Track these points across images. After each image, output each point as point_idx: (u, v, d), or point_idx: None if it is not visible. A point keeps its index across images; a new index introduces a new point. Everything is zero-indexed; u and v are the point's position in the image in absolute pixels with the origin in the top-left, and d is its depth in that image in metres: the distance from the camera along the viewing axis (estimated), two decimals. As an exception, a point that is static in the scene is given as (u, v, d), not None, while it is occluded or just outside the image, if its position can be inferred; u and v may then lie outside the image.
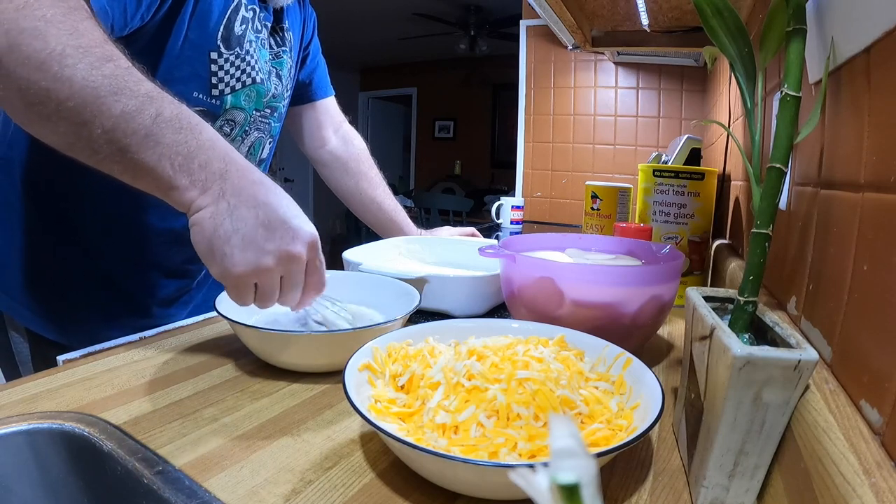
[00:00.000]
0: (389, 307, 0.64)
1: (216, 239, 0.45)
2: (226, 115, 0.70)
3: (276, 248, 0.46)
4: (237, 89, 0.69)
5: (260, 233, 0.46)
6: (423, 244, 0.97)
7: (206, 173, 0.45)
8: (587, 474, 0.14)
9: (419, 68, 6.20)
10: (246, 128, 0.74)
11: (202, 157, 0.45)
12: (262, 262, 0.46)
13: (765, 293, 0.54)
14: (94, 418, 0.44)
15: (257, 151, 0.80)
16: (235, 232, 0.45)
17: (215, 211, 0.45)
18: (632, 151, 1.74)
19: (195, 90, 0.66)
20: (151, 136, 0.43)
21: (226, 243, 0.45)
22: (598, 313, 0.55)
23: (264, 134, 0.79)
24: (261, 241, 0.46)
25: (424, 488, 0.37)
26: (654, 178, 0.81)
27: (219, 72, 0.67)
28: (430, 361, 0.43)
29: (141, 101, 0.43)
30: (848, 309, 0.32)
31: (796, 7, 0.35)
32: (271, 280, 0.48)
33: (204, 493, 0.35)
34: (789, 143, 0.35)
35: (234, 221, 0.45)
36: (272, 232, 0.46)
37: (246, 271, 0.46)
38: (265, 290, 0.48)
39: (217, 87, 0.67)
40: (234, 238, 0.45)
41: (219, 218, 0.45)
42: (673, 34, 1.27)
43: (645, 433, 0.34)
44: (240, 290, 0.47)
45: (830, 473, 0.25)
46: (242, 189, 0.46)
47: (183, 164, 0.44)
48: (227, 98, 0.69)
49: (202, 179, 0.45)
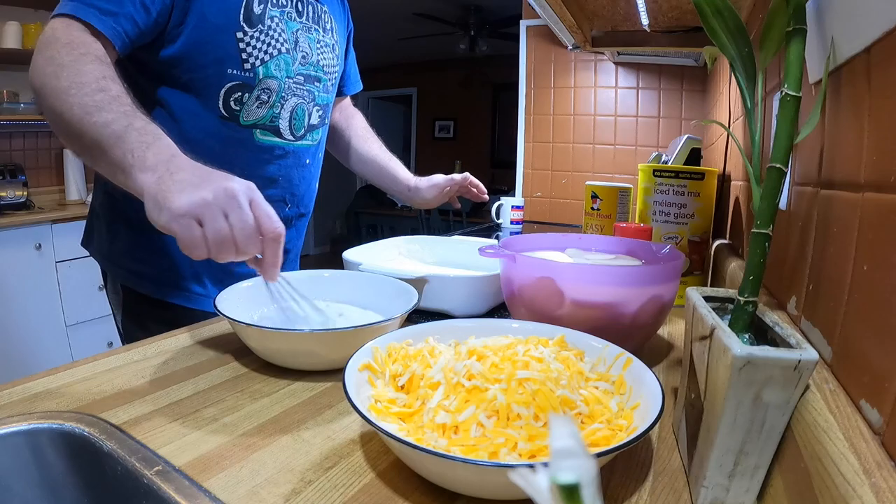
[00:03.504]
0: (389, 307, 0.64)
1: (159, 193, 0.51)
2: (261, 85, 0.77)
3: (213, 184, 0.51)
4: (266, 61, 0.77)
5: (196, 180, 0.51)
6: (423, 244, 0.97)
7: (156, 161, 0.53)
8: (587, 474, 0.14)
9: (419, 68, 6.20)
10: (282, 94, 0.80)
11: (154, 151, 0.54)
12: (198, 196, 0.50)
13: (765, 293, 0.54)
14: (94, 418, 0.44)
15: (302, 117, 0.85)
16: (175, 183, 0.51)
17: (159, 178, 0.52)
18: (632, 151, 1.74)
19: (229, 68, 0.74)
20: (121, 139, 0.55)
21: (167, 192, 0.50)
22: (598, 313, 0.55)
23: (304, 100, 0.84)
24: (198, 183, 0.51)
25: (424, 488, 0.37)
26: (654, 178, 0.81)
27: (247, 48, 0.75)
28: (430, 361, 0.43)
29: (116, 116, 0.56)
30: (848, 309, 0.32)
31: (796, 7, 0.35)
32: (213, 215, 0.50)
33: (204, 493, 0.35)
34: (789, 143, 0.35)
35: (174, 181, 0.51)
36: (211, 178, 0.52)
37: (184, 206, 0.49)
38: (213, 228, 0.50)
39: (248, 61, 0.75)
40: (173, 187, 0.51)
41: (162, 181, 0.52)
42: (673, 34, 1.27)
43: (645, 433, 0.34)
44: (187, 229, 0.49)
45: (830, 473, 0.25)
46: (182, 166, 0.53)
47: (140, 156, 0.54)
48: (259, 69, 0.76)
49: (153, 164, 0.53)
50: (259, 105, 0.79)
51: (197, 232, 0.50)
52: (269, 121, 0.81)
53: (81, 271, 2.31)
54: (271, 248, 0.53)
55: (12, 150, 2.54)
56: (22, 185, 2.34)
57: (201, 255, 0.50)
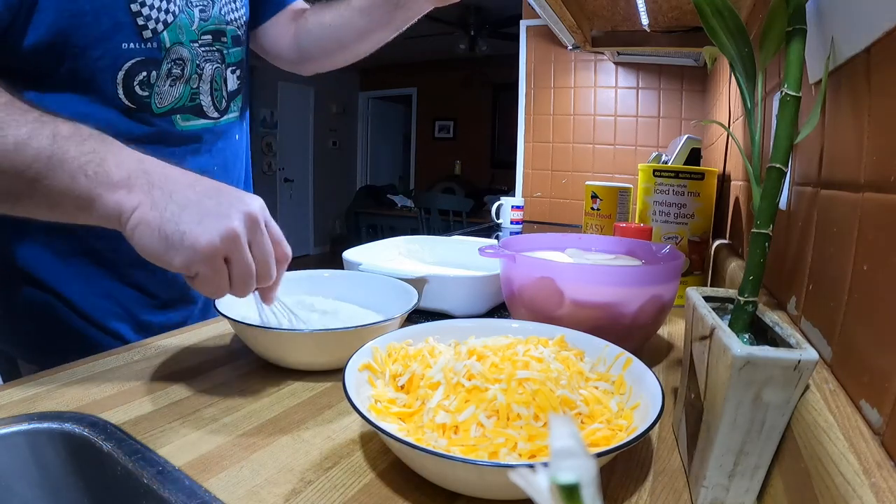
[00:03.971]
0: (389, 307, 0.64)
1: (166, 224, 0.40)
2: (170, 56, 0.61)
3: (234, 208, 0.42)
4: (170, 23, 0.61)
5: (209, 200, 0.42)
6: (423, 244, 0.97)
7: (126, 170, 0.41)
8: (587, 474, 0.14)
9: (419, 68, 6.20)
10: (197, 62, 0.65)
11: (115, 159, 0.41)
12: (227, 227, 0.41)
13: (765, 293, 0.54)
14: (94, 418, 0.44)
15: (221, 85, 0.70)
16: (183, 208, 0.41)
17: (152, 201, 0.41)
18: (632, 151, 1.74)
19: (124, 41, 0.57)
20: (55, 156, 0.39)
21: (179, 223, 0.40)
22: (598, 313, 0.55)
23: (219, 63, 0.69)
24: (216, 208, 0.41)
25: (424, 488, 0.37)
26: (654, 178, 0.81)
27: (142, 9, 0.58)
28: (430, 361, 0.43)
29: (32, 127, 0.40)
30: (848, 309, 0.32)
31: (796, 7, 0.35)
32: (241, 250, 0.42)
33: (204, 493, 0.35)
34: (789, 143, 0.35)
35: (177, 202, 0.41)
36: (220, 195, 0.42)
37: (213, 241, 0.40)
38: (240, 264, 0.42)
39: (147, 27, 0.59)
40: (184, 215, 0.40)
41: (160, 205, 0.41)
42: (673, 34, 1.27)
43: (645, 433, 0.34)
44: (213, 268, 0.41)
45: (830, 473, 0.25)
46: (168, 175, 0.43)
47: (98, 170, 0.40)
48: (164, 35, 0.60)
49: (124, 177, 0.41)
50: (173, 83, 0.62)
51: (225, 272, 0.42)
52: (190, 100, 0.65)
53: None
54: (281, 273, 0.48)
55: None
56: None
57: (221, 295, 0.44)
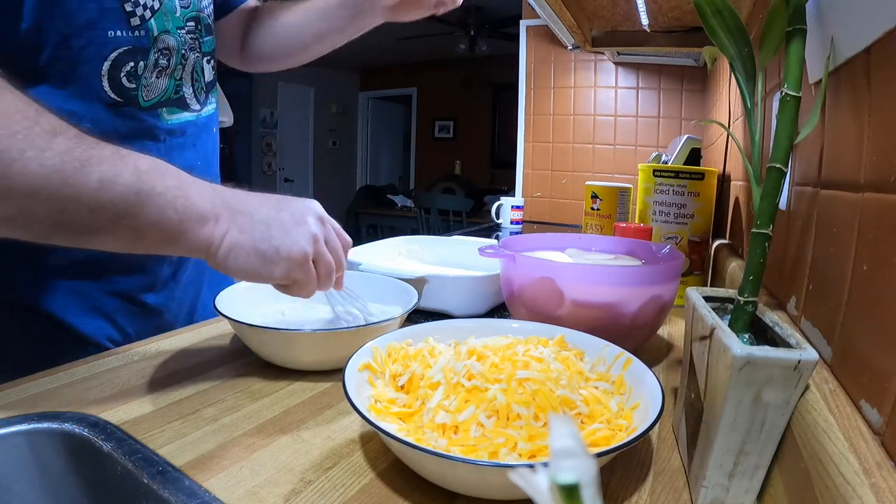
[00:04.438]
0: (389, 307, 0.64)
1: (259, 243, 0.45)
2: (157, 45, 0.59)
3: (307, 216, 0.47)
4: (157, 9, 0.58)
5: (285, 215, 0.47)
6: (424, 244, 0.97)
7: (210, 202, 0.44)
8: (587, 474, 0.14)
9: (419, 68, 6.20)
10: (182, 52, 0.62)
11: (197, 191, 0.43)
12: (311, 233, 0.47)
13: (765, 293, 0.54)
14: (94, 418, 0.44)
15: (200, 76, 0.67)
16: (268, 226, 0.46)
17: (238, 226, 0.45)
18: (632, 151, 1.74)
19: (110, 29, 0.54)
20: (143, 192, 0.40)
21: (269, 240, 0.45)
22: (598, 313, 0.55)
23: (198, 53, 0.66)
24: (292, 219, 0.47)
25: (424, 488, 0.37)
26: (654, 178, 0.81)
27: None
28: (430, 361, 0.43)
29: (114, 163, 0.39)
30: (848, 309, 0.32)
31: (796, 7, 0.35)
32: (322, 249, 0.48)
33: (204, 493, 0.35)
34: (789, 143, 0.35)
35: (261, 221, 0.46)
36: (291, 208, 0.47)
37: (304, 248, 0.46)
38: (324, 261, 0.48)
39: (135, 13, 0.56)
40: (271, 232, 0.45)
41: (247, 228, 0.45)
42: (673, 34, 1.27)
43: (645, 433, 0.34)
44: (307, 271, 0.47)
45: (830, 473, 0.25)
46: (241, 199, 0.47)
47: (186, 205, 0.42)
48: (151, 23, 0.57)
49: (210, 209, 0.43)
50: (159, 74, 0.59)
51: (313, 273, 0.48)
52: (175, 92, 0.62)
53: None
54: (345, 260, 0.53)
55: None
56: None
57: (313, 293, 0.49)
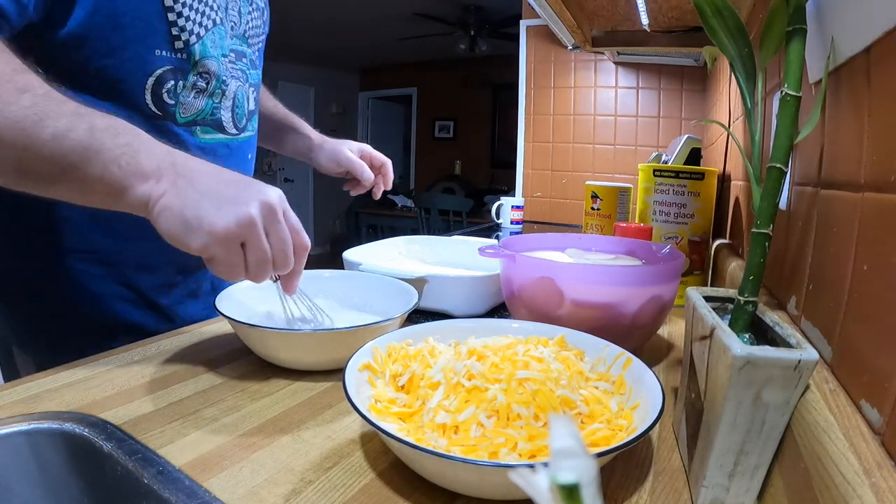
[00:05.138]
0: (389, 307, 0.64)
1: (187, 209, 0.43)
2: (197, 69, 0.63)
3: (251, 197, 0.44)
4: (202, 35, 0.62)
5: (229, 189, 0.44)
6: (424, 244, 0.97)
7: (156, 162, 0.44)
8: (587, 474, 0.14)
9: (419, 68, 6.19)
10: (223, 78, 0.66)
11: (147, 151, 0.45)
12: (243, 213, 0.43)
13: (765, 293, 0.54)
14: (94, 418, 0.44)
15: (243, 103, 0.72)
16: (204, 195, 0.44)
17: (176, 189, 0.44)
18: (632, 151, 1.74)
19: (156, 48, 0.59)
20: (91, 148, 0.43)
21: (198, 208, 0.43)
22: (598, 313, 0.55)
23: (242, 82, 0.71)
24: (234, 194, 0.44)
25: (424, 488, 0.37)
26: (654, 177, 0.81)
27: (178, 20, 0.59)
28: (430, 361, 0.43)
29: (69, 120, 0.43)
30: (848, 309, 0.32)
31: (796, 7, 0.35)
32: (257, 236, 0.44)
33: (204, 493, 0.35)
34: (789, 143, 0.35)
35: (198, 189, 0.44)
36: (240, 185, 0.45)
37: (229, 226, 0.43)
38: (256, 250, 0.45)
39: (180, 38, 0.60)
40: (204, 201, 0.43)
41: (182, 191, 0.44)
42: (673, 34, 1.27)
43: (645, 433, 0.34)
44: (229, 252, 0.44)
45: (830, 473, 0.25)
46: (193, 167, 0.46)
47: (131, 162, 0.44)
48: (195, 48, 0.61)
49: (154, 169, 0.44)
50: (197, 95, 0.64)
51: (240, 256, 0.45)
52: (211, 114, 0.67)
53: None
54: (300, 262, 0.50)
55: None
56: None
57: (237, 278, 0.46)
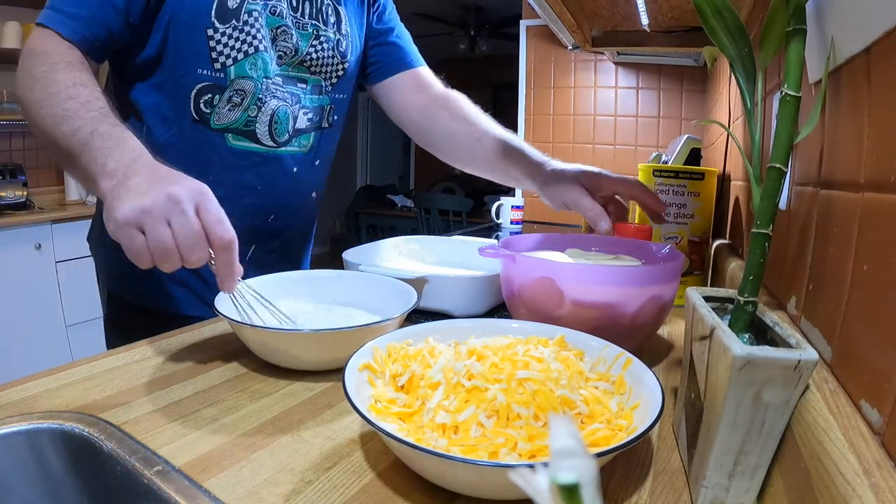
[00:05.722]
0: (389, 307, 0.64)
1: (113, 202, 0.50)
2: (233, 86, 0.74)
3: (160, 189, 0.49)
4: (239, 59, 0.73)
5: (148, 184, 0.50)
6: (423, 244, 0.97)
7: (116, 167, 0.53)
8: (587, 474, 0.14)
9: (419, 68, 6.19)
10: (259, 96, 0.76)
11: (116, 156, 0.53)
12: (139, 203, 0.48)
13: (765, 293, 0.54)
14: (94, 418, 0.44)
15: (285, 121, 0.79)
16: (129, 190, 0.50)
17: (115, 185, 0.51)
18: (632, 151, 1.74)
19: (199, 67, 0.72)
20: (86, 146, 0.54)
21: (115, 200, 0.49)
22: (598, 313, 0.55)
23: (287, 103, 0.79)
24: (147, 188, 0.50)
25: (424, 488, 0.37)
26: (654, 178, 0.81)
27: (217, 46, 0.71)
28: (430, 361, 0.43)
29: (82, 123, 0.56)
30: (848, 309, 0.32)
31: (796, 7, 0.35)
32: (153, 223, 0.48)
33: (204, 493, 0.35)
34: (789, 143, 0.35)
35: (126, 187, 0.50)
36: (162, 181, 0.50)
37: (125, 212, 0.48)
38: (152, 237, 0.48)
39: (218, 60, 0.72)
40: (122, 194, 0.50)
41: (116, 188, 0.51)
42: (673, 34, 1.27)
43: (645, 433, 0.34)
44: (130, 237, 0.48)
45: (830, 473, 0.25)
46: (138, 169, 0.52)
47: (102, 162, 0.53)
48: (231, 69, 0.73)
49: (113, 169, 0.53)
50: (231, 108, 0.75)
51: (139, 241, 0.48)
52: (244, 125, 0.77)
53: (81, 271, 2.31)
54: (221, 256, 0.50)
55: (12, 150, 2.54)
56: (22, 185, 2.33)
57: (146, 264, 0.49)
